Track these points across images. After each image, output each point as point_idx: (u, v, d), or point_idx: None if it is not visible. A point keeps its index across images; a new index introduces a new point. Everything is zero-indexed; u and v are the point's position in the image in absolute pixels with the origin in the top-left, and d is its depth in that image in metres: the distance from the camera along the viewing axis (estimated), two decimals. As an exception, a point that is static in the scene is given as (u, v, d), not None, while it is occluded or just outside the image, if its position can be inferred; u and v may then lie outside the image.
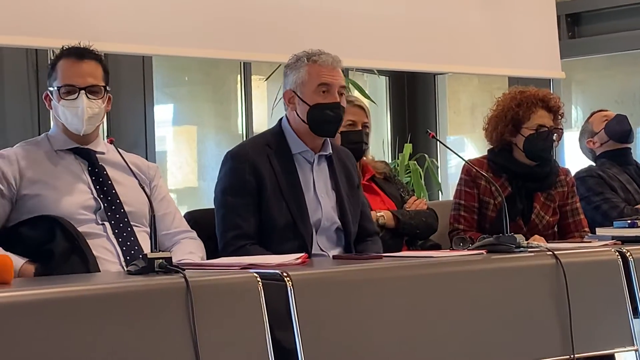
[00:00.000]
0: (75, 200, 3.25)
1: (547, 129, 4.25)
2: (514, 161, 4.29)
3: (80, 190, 3.28)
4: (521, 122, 4.26)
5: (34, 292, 2.35)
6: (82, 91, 3.29)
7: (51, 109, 3.39)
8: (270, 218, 3.54)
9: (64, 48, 3.37)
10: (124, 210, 3.30)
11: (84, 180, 3.32)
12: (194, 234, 3.50)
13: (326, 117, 3.60)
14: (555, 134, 4.27)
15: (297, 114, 3.62)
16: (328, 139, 3.70)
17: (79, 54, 3.34)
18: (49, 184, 3.25)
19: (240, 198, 3.54)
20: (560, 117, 4.32)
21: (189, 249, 3.36)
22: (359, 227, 3.74)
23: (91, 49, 3.37)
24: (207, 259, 3.36)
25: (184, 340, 2.41)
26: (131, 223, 3.30)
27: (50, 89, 3.36)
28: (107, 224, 3.26)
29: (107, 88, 3.37)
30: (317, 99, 3.60)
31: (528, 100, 4.27)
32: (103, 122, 5.59)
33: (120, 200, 3.32)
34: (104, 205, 3.28)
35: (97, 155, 3.39)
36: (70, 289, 2.40)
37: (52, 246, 3.09)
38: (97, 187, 3.31)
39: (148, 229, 3.34)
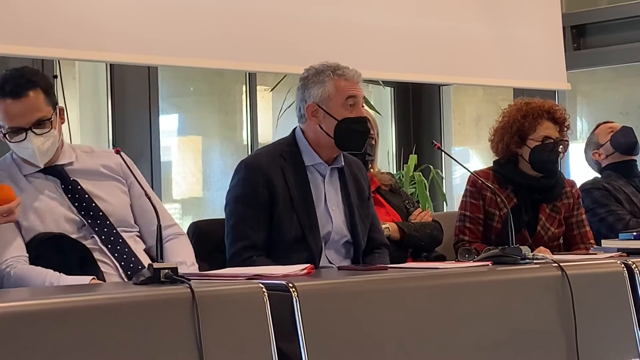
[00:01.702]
0: (60, 220, 3.20)
1: (552, 140, 4.25)
2: (520, 173, 4.29)
3: (61, 210, 3.22)
4: (527, 133, 4.26)
5: (39, 302, 2.35)
6: (29, 131, 3.16)
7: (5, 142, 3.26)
8: (280, 230, 3.54)
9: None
10: (109, 222, 3.25)
11: (62, 200, 3.24)
12: (178, 227, 3.45)
13: (354, 131, 3.61)
14: (561, 146, 4.27)
15: (322, 128, 3.61)
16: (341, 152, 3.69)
17: (14, 92, 3.14)
18: (30, 206, 3.19)
19: (251, 209, 3.53)
20: (566, 128, 4.31)
21: (177, 256, 3.28)
22: (370, 238, 3.74)
23: (24, 71, 3.19)
24: (213, 269, 3.35)
25: (190, 350, 2.41)
26: (118, 230, 3.25)
27: None
28: (95, 238, 3.21)
29: (56, 109, 3.22)
30: (344, 113, 3.59)
31: (534, 112, 4.27)
32: (108, 132, 5.63)
33: (102, 213, 3.25)
34: (87, 221, 3.22)
35: (67, 168, 3.30)
36: (76, 299, 2.40)
37: (68, 262, 3.09)
38: (76, 204, 3.24)
39: (136, 229, 3.32)
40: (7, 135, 3.18)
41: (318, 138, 3.63)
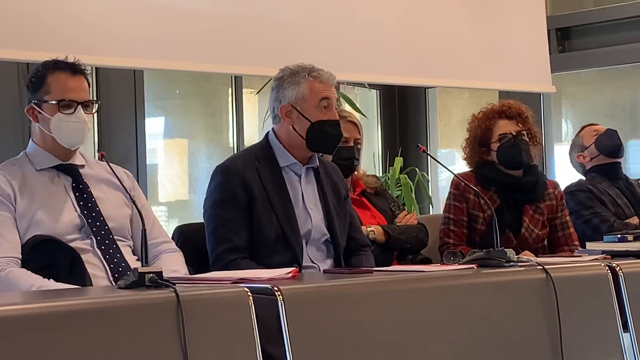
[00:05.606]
0: (63, 218, 3.24)
1: (509, 134, 4.26)
2: (500, 172, 4.30)
3: (66, 209, 3.27)
4: (488, 139, 4.32)
5: (23, 307, 2.35)
6: (80, 106, 3.29)
7: (37, 122, 3.33)
8: (260, 231, 3.55)
9: (54, 61, 3.35)
10: (108, 227, 3.30)
11: (68, 198, 3.30)
12: (173, 244, 3.50)
13: (327, 134, 3.62)
14: (522, 136, 4.27)
15: (294, 129, 3.62)
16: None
17: (73, 68, 3.34)
18: (37, 203, 3.23)
19: (230, 211, 3.54)
20: (526, 118, 4.32)
21: (171, 266, 3.31)
22: (351, 239, 3.76)
23: (78, 63, 3.37)
24: (197, 272, 3.35)
25: (175, 354, 2.41)
26: (115, 238, 3.29)
27: (36, 102, 3.31)
28: (92, 239, 3.26)
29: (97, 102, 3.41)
30: (318, 115, 3.61)
31: (486, 117, 4.34)
32: (94, 134, 5.61)
33: (103, 217, 3.30)
34: (87, 221, 3.27)
35: (80, 170, 3.38)
36: (60, 303, 2.40)
37: (56, 266, 3.10)
38: (81, 203, 3.30)
39: (130, 242, 3.37)
40: (59, 105, 3.27)
41: (291, 139, 3.65)
